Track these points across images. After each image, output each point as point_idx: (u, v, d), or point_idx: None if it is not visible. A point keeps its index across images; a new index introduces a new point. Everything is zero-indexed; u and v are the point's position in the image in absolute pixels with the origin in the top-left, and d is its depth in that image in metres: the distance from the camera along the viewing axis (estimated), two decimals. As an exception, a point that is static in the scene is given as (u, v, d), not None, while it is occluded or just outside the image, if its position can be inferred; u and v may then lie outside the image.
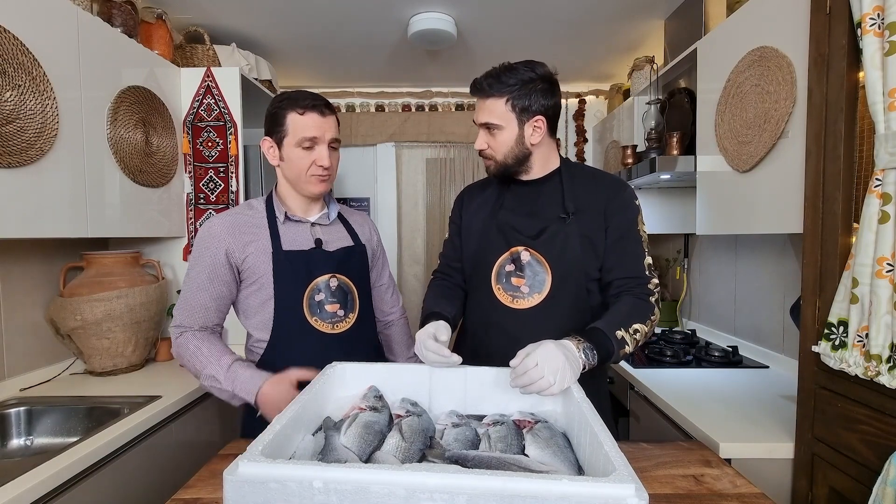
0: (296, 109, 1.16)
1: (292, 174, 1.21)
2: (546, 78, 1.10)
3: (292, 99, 1.18)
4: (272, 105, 1.20)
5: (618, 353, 0.99)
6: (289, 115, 1.17)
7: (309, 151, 1.18)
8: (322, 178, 1.22)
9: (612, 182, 1.20)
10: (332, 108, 1.21)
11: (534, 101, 1.08)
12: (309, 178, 1.20)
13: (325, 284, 1.23)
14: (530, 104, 1.08)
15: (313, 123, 1.17)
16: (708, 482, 0.94)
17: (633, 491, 0.55)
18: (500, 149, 1.13)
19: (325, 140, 1.19)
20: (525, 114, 1.09)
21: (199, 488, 0.90)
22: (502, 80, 1.08)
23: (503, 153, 1.13)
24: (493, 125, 1.11)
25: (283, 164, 1.21)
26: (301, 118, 1.16)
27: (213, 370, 1.14)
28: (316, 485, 0.56)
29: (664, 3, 2.15)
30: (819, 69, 1.06)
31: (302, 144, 1.17)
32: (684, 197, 2.37)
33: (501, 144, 1.12)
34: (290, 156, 1.19)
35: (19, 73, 1.31)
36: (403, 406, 0.92)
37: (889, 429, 0.91)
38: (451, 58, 2.77)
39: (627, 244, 1.14)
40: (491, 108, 1.10)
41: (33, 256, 1.68)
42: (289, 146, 1.18)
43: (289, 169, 1.21)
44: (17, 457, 1.39)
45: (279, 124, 1.18)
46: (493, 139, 1.13)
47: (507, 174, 1.18)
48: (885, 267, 0.89)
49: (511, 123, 1.10)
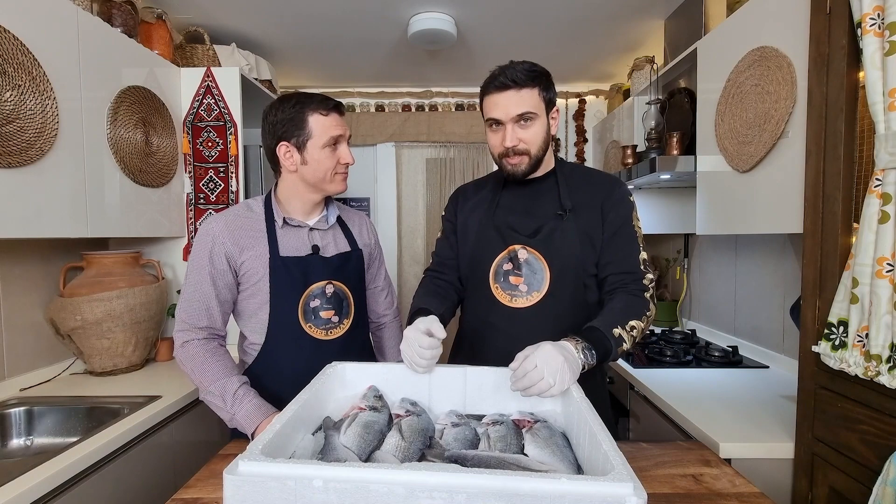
0: (319, 111, 1.17)
1: (316, 176, 1.20)
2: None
3: (308, 102, 1.18)
4: (285, 110, 1.17)
5: (616, 351, 0.99)
6: (311, 117, 1.17)
7: (333, 151, 1.20)
8: (345, 175, 1.26)
9: (606, 179, 1.21)
10: (344, 107, 1.25)
11: (552, 92, 1.13)
12: (334, 178, 1.23)
13: (320, 291, 1.23)
14: (552, 95, 1.13)
15: (336, 122, 1.20)
16: (707, 482, 0.94)
17: (632, 490, 0.55)
18: (534, 140, 1.11)
19: (346, 137, 1.23)
20: (550, 105, 1.13)
21: (199, 488, 0.90)
22: (534, 71, 1.09)
23: (537, 145, 1.12)
24: (530, 114, 1.09)
25: (306, 167, 1.20)
26: (326, 119, 1.18)
27: (219, 390, 1.12)
28: (316, 484, 0.56)
29: (664, 3, 2.15)
30: (819, 69, 1.06)
31: (329, 144, 1.19)
32: (684, 197, 2.37)
33: (535, 136, 1.11)
34: (316, 157, 1.19)
35: (19, 73, 1.31)
36: (403, 406, 0.92)
37: (889, 429, 0.91)
38: (451, 58, 2.77)
39: (622, 240, 1.14)
40: (527, 99, 1.08)
41: (33, 256, 1.68)
42: (314, 148, 1.18)
43: (313, 171, 1.20)
44: (17, 457, 1.39)
45: (300, 128, 1.17)
46: (526, 132, 1.10)
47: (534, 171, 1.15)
48: (885, 267, 0.89)
49: (542, 113, 1.11)
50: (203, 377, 1.14)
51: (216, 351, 1.18)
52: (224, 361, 1.16)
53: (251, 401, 1.12)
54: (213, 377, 1.13)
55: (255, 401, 1.12)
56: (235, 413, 1.11)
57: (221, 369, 1.14)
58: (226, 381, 1.13)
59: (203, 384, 1.14)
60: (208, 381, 1.13)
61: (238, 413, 1.11)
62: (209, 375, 1.13)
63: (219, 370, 1.14)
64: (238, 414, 1.11)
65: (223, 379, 1.13)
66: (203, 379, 1.14)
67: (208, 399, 1.14)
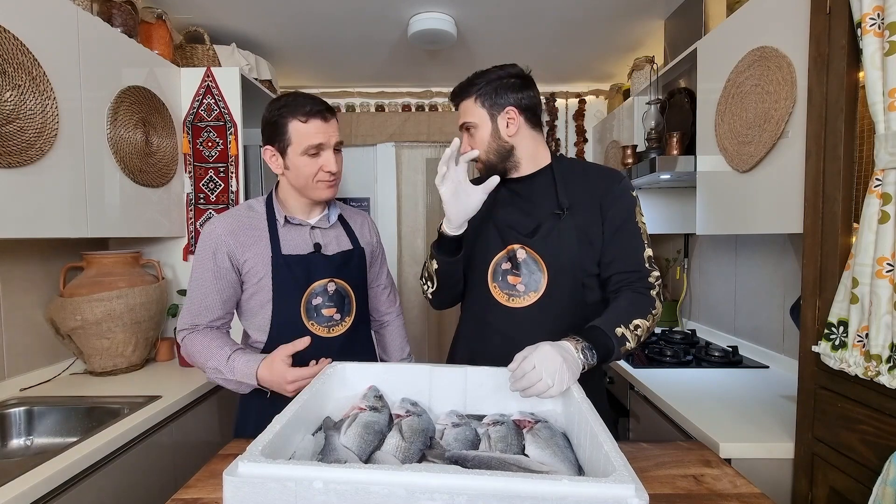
0: (297, 117, 1.14)
1: (299, 182, 1.20)
2: (514, 74, 1.15)
3: (291, 105, 1.15)
4: (270, 113, 1.17)
5: (618, 350, 0.98)
6: (290, 124, 1.15)
7: (315, 158, 1.17)
8: (330, 183, 1.21)
9: (605, 174, 1.18)
10: (332, 111, 1.19)
11: (501, 95, 1.13)
12: (316, 185, 1.20)
13: (322, 289, 1.23)
14: (498, 98, 1.14)
15: (317, 130, 1.15)
16: (708, 482, 0.94)
17: (633, 491, 0.55)
18: (480, 147, 1.16)
19: (330, 145, 1.18)
20: (495, 108, 1.14)
21: (199, 488, 0.90)
22: (471, 83, 1.15)
23: (484, 150, 1.16)
24: (469, 124, 1.16)
25: (289, 172, 1.19)
26: (304, 126, 1.14)
27: (216, 362, 1.15)
28: (316, 485, 0.56)
29: (664, 3, 2.15)
30: (819, 69, 1.06)
31: (308, 152, 1.15)
32: (684, 197, 2.37)
33: (480, 142, 1.16)
34: (295, 164, 1.17)
35: (19, 73, 1.31)
36: (403, 406, 0.92)
37: (889, 429, 0.91)
38: (451, 58, 2.77)
39: (625, 237, 1.12)
40: (464, 110, 1.17)
41: (33, 256, 1.68)
42: (294, 155, 1.16)
43: (295, 177, 1.19)
44: (17, 457, 1.39)
45: (281, 133, 1.16)
46: (473, 139, 1.17)
47: (495, 172, 1.17)
48: (885, 267, 0.89)
49: (484, 119, 1.15)
50: (201, 357, 1.17)
51: (212, 332, 1.20)
52: (218, 339, 1.19)
53: (241, 358, 1.14)
54: (209, 354, 1.16)
55: (244, 357, 1.14)
56: (236, 376, 1.13)
57: (215, 345, 1.17)
58: (218, 353, 1.15)
59: (203, 363, 1.16)
60: (205, 359, 1.16)
61: (237, 374, 1.13)
62: (206, 353, 1.16)
63: (212, 346, 1.16)
64: (237, 375, 1.13)
65: (216, 352, 1.15)
66: (201, 358, 1.17)
67: (213, 377, 1.17)
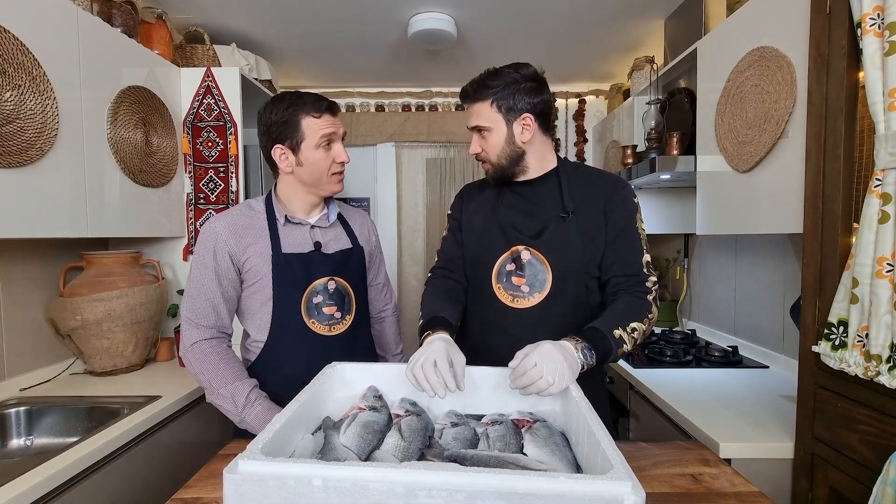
0: (311, 113, 1.18)
1: (313, 177, 1.22)
2: (531, 77, 1.12)
3: (300, 104, 1.18)
4: (278, 112, 1.18)
5: (616, 352, 0.99)
6: (304, 120, 1.18)
7: (328, 151, 1.21)
8: (341, 175, 1.26)
9: (609, 180, 1.20)
10: (337, 106, 1.25)
11: (518, 100, 1.11)
12: (331, 178, 1.24)
13: (323, 287, 1.24)
14: (515, 103, 1.11)
15: (329, 122, 1.20)
16: (706, 481, 0.94)
17: (630, 488, 0.55)
18: (492, 151, 1.15)
19: (339, 136, 1.23)
20: (511, 113, 1.12)
21: (199, 488, 0.90)
22: (486, 84, 1.11)
23: (496, 154, 1.15)
24: (482, 128, 1.14)
25: (302, 168, 1.21)
26: (317, 120, 1.19)
27: (231, 393, 1.13)
28: (315, 483, 0.56)
29: (664, 3, 2.15)
30: (819, 69, 1.06)
31: (321, 144, 1.19)
32: (684, 197, 2.37)
33: (493, 146, 1.15)
34: (310, 158, 1.20)
35: (19, 73, 1.31)
36: (402, 406, 0.92)
37: (889, 429, 0.91)
38: (451, 58, 2.77)
39: (624, 242, 1.14)
40: (478, 112, 1.14)
41: (33, 256, 1.68)
42: (308, 149, 1.19)
43: (309, 172, 1.21)
44: (17, 457, 1.39)
45: (294, 130, 1.18)
46: (485, 142, 1.15)
47: (504, 176, 1.19)
48: (885, 267, 0.89)
49: (499, 124, 1.13)
50: (214, 380, 1.15)
51: (226, 353, 1.19)
52: (234, 365, 1.18)
53: (262, 403, 1.14)
54: (223, 380, 1.14)
55: (266, 403, 1.15)
56: (246, 416, 1.13)
57: (232, 373, 1.16)
58: (237, 385, 1.15)
59: (213, 387, 1.15)
60: (219, 385, 1.14)
61: (249, 416, 1.13)
62: (220, 379, 1.14)
63: (229, 374, 1.15)
64: (249, 416, 1.13)
65: (234, 382, 1.15)
66: (214, 382, 1.15)
67: (217, 402, 1.15)
